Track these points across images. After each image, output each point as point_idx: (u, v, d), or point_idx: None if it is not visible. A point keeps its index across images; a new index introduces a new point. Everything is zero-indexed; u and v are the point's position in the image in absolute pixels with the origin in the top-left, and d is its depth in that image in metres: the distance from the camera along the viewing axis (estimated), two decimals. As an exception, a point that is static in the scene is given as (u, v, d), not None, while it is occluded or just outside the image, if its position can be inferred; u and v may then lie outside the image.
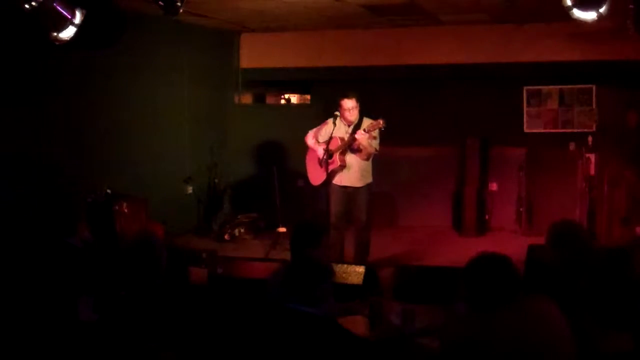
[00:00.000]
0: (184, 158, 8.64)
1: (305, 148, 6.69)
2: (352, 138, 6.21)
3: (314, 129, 6.60)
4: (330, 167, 6.35)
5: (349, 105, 6.25)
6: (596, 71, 8.29)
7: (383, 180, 6.73)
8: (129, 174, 7.38)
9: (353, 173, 6.37)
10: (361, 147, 6.22)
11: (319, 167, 6.41)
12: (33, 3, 4.31)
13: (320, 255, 3.75)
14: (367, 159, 6.38)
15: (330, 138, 6.33)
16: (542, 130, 8.86)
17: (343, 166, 6.33)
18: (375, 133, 6.20)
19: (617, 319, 3.40)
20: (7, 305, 3.79)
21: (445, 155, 9.15)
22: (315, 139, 6.51)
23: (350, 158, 6.33)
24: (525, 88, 8.88)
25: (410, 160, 9.15)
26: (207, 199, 8.95)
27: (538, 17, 7.86)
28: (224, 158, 9.31)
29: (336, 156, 6.31)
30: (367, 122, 6.34)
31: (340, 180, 6.39)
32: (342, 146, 6.29)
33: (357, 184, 6.39)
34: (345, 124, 6.37)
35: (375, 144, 6.30)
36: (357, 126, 6.33)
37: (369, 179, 6.46)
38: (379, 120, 6.11)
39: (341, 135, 6.36)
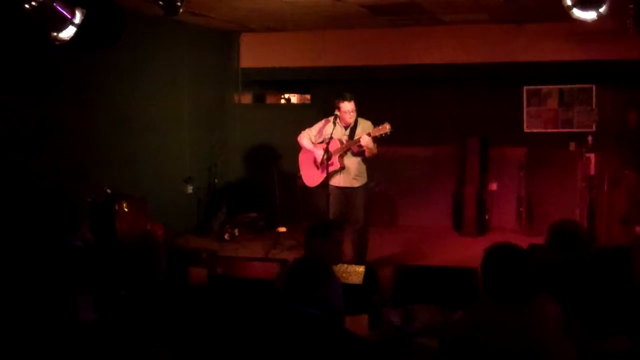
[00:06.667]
0: (184, 158, 8.64)
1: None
2: (356, 142, 6.22)
3: (308, 130, 6.60)
4: (330, 169, 6.36)
5: (349, 108, 6.27)
6: (596, 71, 8.29)
7: (383, 180, 6.72)
8: (129, 174, 7.38)
9: (350, 174, 6.40)
10: (366, 151, 6.24)
11: (314, 168, 6.43)
12: (33, 3, 4.31)
13: (328, 248, 3.76)
14: (365, 159, 6.40)
15: (323, 140, 6.35)
16: (542, 130, 8.86)
17: (342, 168, 6.35)
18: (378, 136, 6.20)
19: (616, 319, 3.40)
20: (8, 305, 3.79)
21: (445, 155, 9.15)
22: (311, 140, 6.52)
23: (348, 160, 6.35)
24: (525, 88, 8.88)
25: (410, 160, 9.15)
26: (207, 199, 8.95)
27: (538, 17, 7.86)
28: (224, 158, 9.31)
29: (335, 158, 6.33)
30: (362, 122, 6.36)
31: (337, 181, 6.42)
32: (342, 149, 6.31)
33: (354, 184, 6.43)
34: (342, 126, 6.38)
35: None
36: (354, 127, 6.35)
37: (365, 180, 6.49)
38: (385, 125, 6.10)
39: (339, 137, 6.36)
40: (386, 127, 6.09)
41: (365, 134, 6.17)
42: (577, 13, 4.64)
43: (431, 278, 4.66)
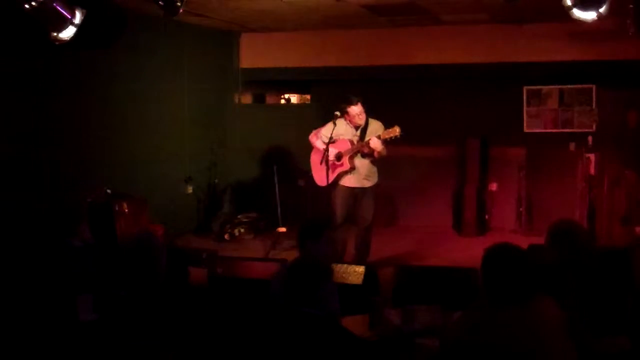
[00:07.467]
0: (184, 158, 8.64)
1: (308, 147, 6.68)
2: (366, 144, 6.22)
3: (319, 129, 6.59)
4: (339, 170, 6.38)
5: (357, 110, 6.27)
6: (596, 71, 8.29)
7: (383, 180, 6.71)
8: (129, 174, 7.38)
9: (361, 175, 6.40)
10: (375, 153, 6.25)
11: (325, 168, 6.40)
12: (33, 3, 4.31)
13: (321, 249, 3.75)
14: (374, 160, 6.40)
15: (332, 140, 6.32)
16: (542, 130, 8.86)
17: (352, 169, 6.35)
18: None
19: (616, 319, 3.40)
20: (8, 305, 3.79)
21: (445, 155, 9.14)
22: (321, 139, 6.52)
23: (358, 161, 6.35)
24: (525, 88, 8.88)
25: (410, 160, 9.13)
26: (207, 199, 8.95)
27: (538, 17, 7.86)
28: (224, 158, 9.31)
29: (345, 159, 6.34)
30: (373, 123, 6.36)
31: (348, 182, 6.42)
32: (352, 150, 6.31)
33: (365, 184, 6.44)
34: (352, 127, 6.38)
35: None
36: (364, 128, 6.35)
37: (376, 180, 6.50)
38: (395, 128, 6.11)
39: (349, 138, 6.36)
40: (396, 130, 6.09)
41: (375, 136, 6.17)
42: (577, 13, 4.64)
43: (431, 278, 4.66)
